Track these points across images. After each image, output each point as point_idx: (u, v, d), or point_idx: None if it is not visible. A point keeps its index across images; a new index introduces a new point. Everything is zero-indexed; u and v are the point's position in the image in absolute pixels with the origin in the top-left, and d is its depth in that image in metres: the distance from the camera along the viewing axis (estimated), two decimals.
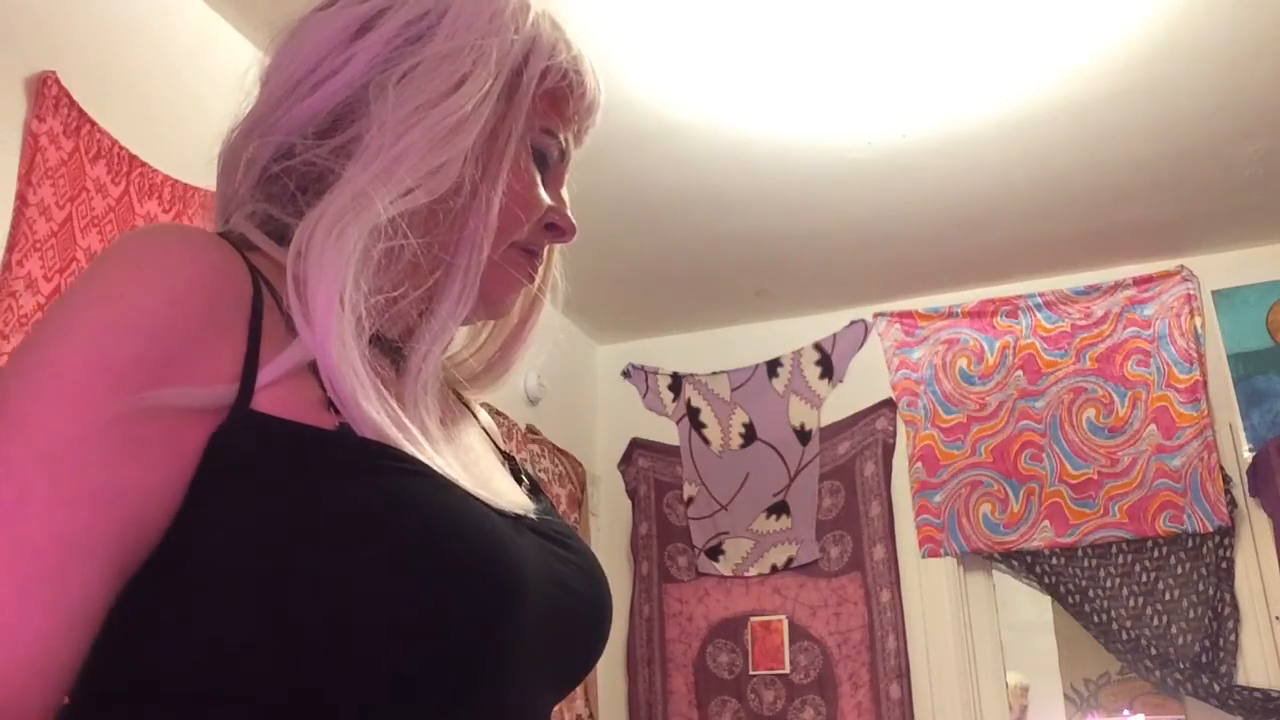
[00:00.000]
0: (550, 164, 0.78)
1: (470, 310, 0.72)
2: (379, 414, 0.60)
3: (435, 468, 0.62)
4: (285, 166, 0.69)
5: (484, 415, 0.90)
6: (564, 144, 0.79)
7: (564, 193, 0.80)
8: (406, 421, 0.62)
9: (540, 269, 0.81)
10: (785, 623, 3.28)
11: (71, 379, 0.54)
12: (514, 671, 0.62)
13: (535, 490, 0.83)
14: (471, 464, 0.73)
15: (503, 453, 0.86)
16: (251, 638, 0.54)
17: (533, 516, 0.71)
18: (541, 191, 0.76)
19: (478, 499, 0.64)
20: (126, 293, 0.57)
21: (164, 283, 0.58)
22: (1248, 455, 3.02)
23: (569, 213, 0.79)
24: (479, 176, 0.71)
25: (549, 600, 0.66)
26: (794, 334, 3.57)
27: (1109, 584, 3.05)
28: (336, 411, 0.60)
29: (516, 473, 0.84)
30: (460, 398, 0.87)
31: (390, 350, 0.71)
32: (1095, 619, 3.03)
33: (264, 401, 0.58)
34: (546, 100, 0.77)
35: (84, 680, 0.53)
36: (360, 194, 0.64)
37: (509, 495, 0.72)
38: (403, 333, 0.73)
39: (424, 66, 0.69)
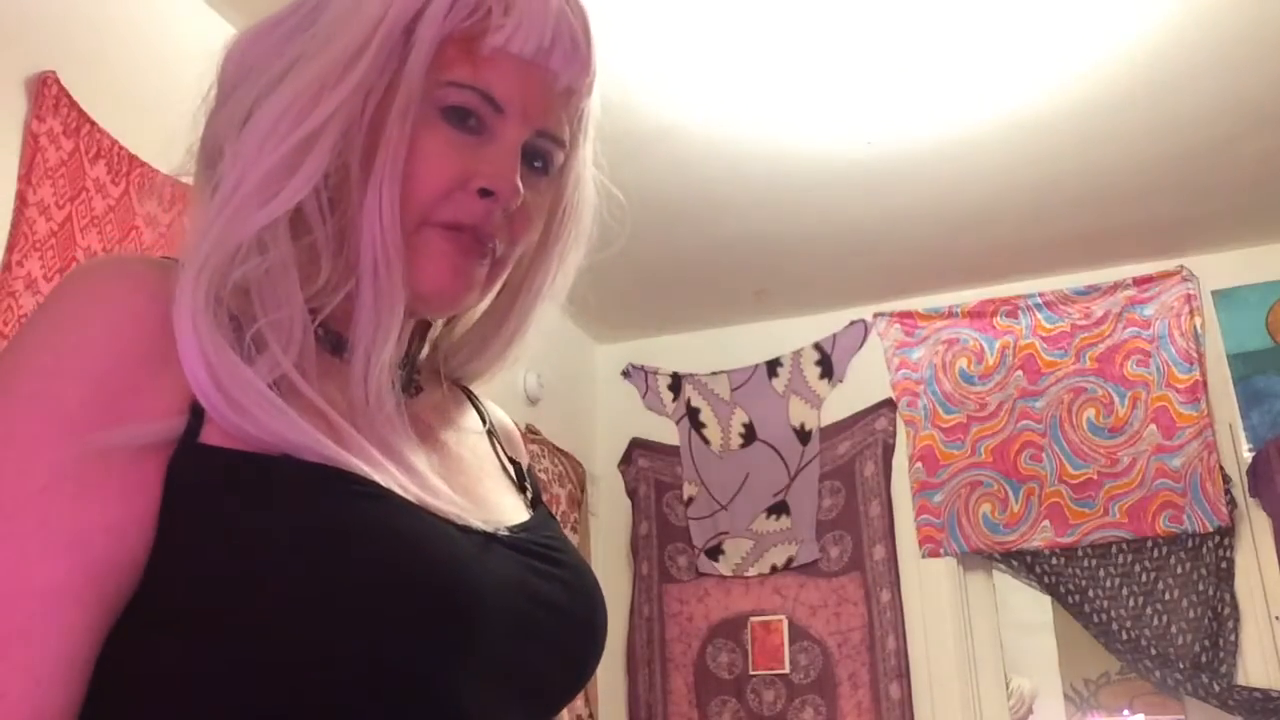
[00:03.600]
0: (481, 121, 0.66)
1: (407, 306, 0.65)
2: (302, 435, 0.57)
3: (387, 486, 0.59)
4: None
5: (498, 416, 0.85)
6: (485, 93, 0.66)
7: (512, 153, 0.67)
8: (356, 436, 0.60)
9: (492, 245, 0.68)
10: (785, 623, 3.28)
11: (22, 434, 0.54)
12: (483, 689, 0.61)
13: (538, 500, 0.79)
14: (453, 475, 0.70)
15: (511, 460, 0.82)
16: (202, 668, 0.54)
17: (505, 532, 0.67)
18: (450, 158, 0.65)
19: (435, 516, 0.61)
20: (72, 335, 0.57)
21: (108, 321, 0.57)
22: (1248, 455, 3.02)
23: (511, 174, 0.66)
24: (366, 159, 0.63)
25: (519, 616, 0.64)
26: (794, 334, 3.57)
27: (1109, 584, 3.05)
28: None
29: (522, 478, 0.80)
30: (473, 399, 0.83)
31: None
32: (1095, 619, 3.03)
33: (212, 432, 0.57)
34: (457, 45, 0.65)
35: None
36: (214, 219, 0.60)
37: (493, 510, 0.70)
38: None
39: (297, 53, 0.64)
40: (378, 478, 0.60)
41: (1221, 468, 3.01)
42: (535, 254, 0.76)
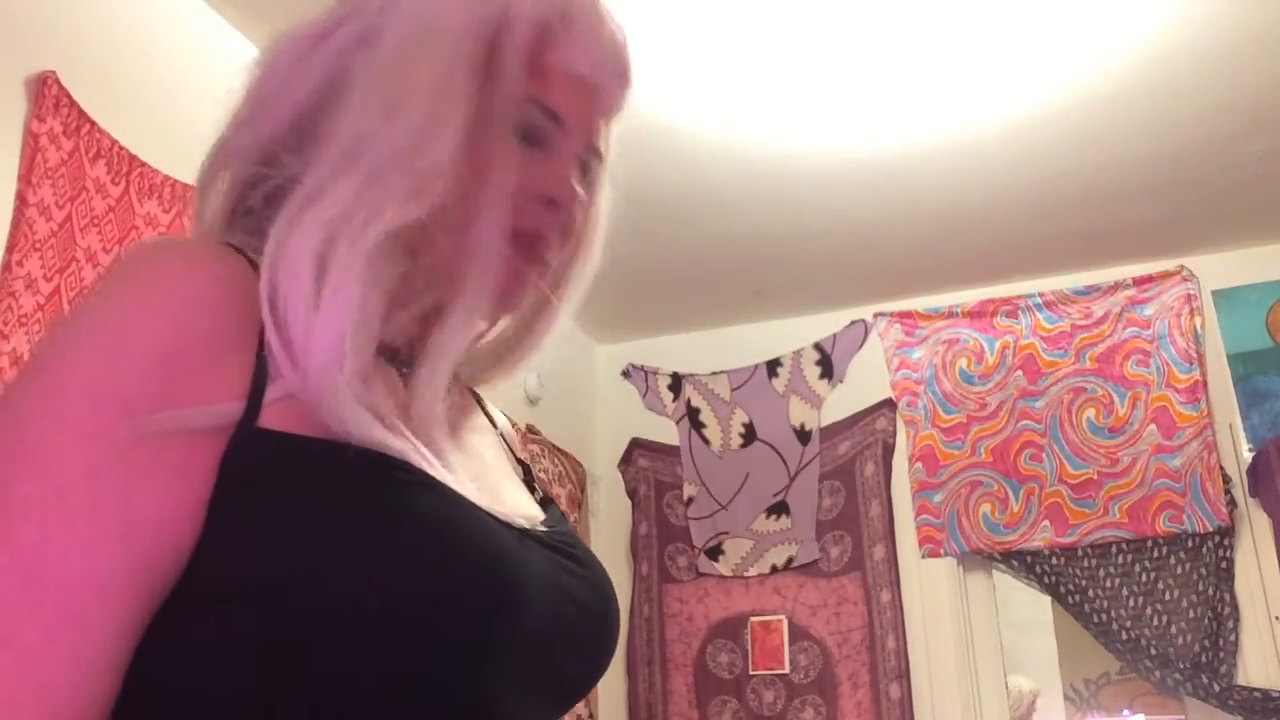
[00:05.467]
0: (541, 134, 0.69)
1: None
2: (375, 429, 0.58)
3: (440, 479, 0.60)
4: (256, 196, 0.66)
5: (501, 420, 0.87)
6: (548, 108, 0.69)
7: (567, 164, 0.72)
8: (409, 434, 0.61)
9: (550, 255, 0.72)
10: (785, 623, 3.28)
11: (80, 410, 0.53)
12: (516, 684, 0.61)
13: (547, 500, 0.81)
14: (481, 475, 0.71)
15: (519, 460, 0.84)
16: (247, 650, 0.54)
17: (541, 529, 0.69)
18: (520, 170, 0.68)
19: (484, 511, 0.62)
20: (131, 316, 0.56)
21: (169, 303, 0.57)
22: (1248, 455, 3.02)
23: (570, 181, 0.70)
24: (472, 176, 0.65)
25: (554, 613, 0.65)
26: (794, 334, 3.57)
27: (1109, 584, 3.04)
28: None
29: (531, 481, 0.82)
30: (479, 401, 0.85)
31: (395, 359, 0.69)
32: (1095, 619, 3.03)
33: (271, 416, 0.57)
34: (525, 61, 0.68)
35: None
36: (343, 216, 0.60)
37: (518, 507, 0.71)
38: (407, 341, 0.69)
39: (377, 68, 0.64)
40: (432, 472, 0.60)
41: (1221, 468, 3.01)
42: (568, 265, 0.79)
